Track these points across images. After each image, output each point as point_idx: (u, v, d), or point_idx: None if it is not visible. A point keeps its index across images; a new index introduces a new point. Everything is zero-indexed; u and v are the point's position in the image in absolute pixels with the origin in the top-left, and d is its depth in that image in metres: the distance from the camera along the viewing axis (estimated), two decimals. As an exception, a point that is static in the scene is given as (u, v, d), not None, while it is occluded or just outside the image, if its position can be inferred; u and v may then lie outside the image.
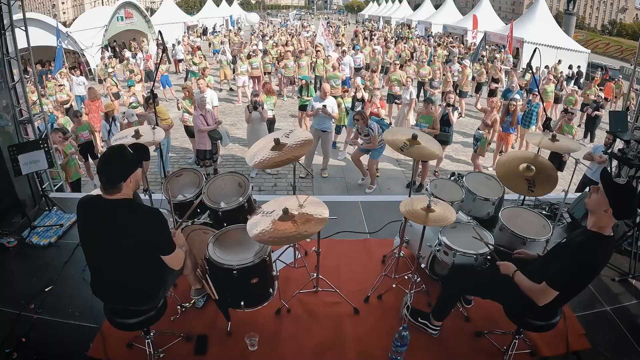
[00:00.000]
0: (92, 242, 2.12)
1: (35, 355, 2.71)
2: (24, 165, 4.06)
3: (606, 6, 58.12)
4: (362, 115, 5.80)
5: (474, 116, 11.06)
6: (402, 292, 3.18)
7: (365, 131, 5.74)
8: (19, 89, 4.70)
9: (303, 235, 2.47)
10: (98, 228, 2.07)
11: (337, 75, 9.69)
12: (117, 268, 2.11)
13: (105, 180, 2.01)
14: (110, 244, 2.05)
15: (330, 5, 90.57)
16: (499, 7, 58.71)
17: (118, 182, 2.01)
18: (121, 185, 2.02)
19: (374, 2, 48.51)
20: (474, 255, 2.86)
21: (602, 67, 18.35)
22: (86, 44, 15.31)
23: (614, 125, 4.44)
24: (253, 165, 2.81)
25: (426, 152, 3.04)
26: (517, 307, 2.41)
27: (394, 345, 2.66)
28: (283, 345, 2.85)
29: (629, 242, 3.85)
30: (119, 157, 2.06)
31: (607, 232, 2.12)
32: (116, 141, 3.36)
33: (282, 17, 44.76)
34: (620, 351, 2.85)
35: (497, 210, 3.44)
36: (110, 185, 2.01)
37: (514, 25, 16.67)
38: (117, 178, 2.01)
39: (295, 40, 18.39)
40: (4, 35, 4.36)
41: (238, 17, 34.01)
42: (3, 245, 3.83)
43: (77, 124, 6.56)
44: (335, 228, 4.12)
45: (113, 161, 2.05)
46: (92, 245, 2.13)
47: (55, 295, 3.26)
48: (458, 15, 27.76)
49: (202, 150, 6.34)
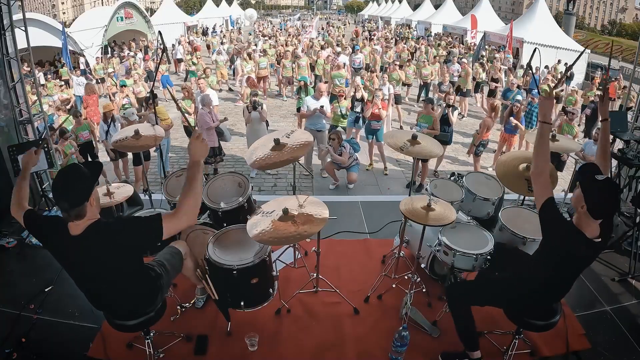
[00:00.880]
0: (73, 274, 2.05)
1: (35, 355, 2.71)
2: (24, 166, 4.05)
3: (606, 6, 58.15)
4: (337, 135, 6.05)
5: (475, 116, 11.05)
6: (402, 292, 3.18)
7: (338, 150, 5.97)
8: (19, 89, 4.70)
9: (303, 235, 2.48)
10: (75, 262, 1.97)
11: (342, 74, 9.62)
12: (108, 288, 2.07)
13: (67, 205, 1.81)
14: (94, 271, 1.96)
15: (330, 6, 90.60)
16: (499, 7, 58.74)
17: (82, 204, 1.82)
18: (85, 208, 1.83)
19: (374, 2, 48.50)
20: (474, 255, 2.86)
21: (602, 67, 18.32)
22: (86, 44, 15.30)
23: (614, 125, 4.44)
24: (252, 165, 2.81)
25: (426, 152, 3.05)
26: (517, 307, 2.41)
27: (394, 345, 2.66)
28: (283, 345, 2.85)
29: (629, 242, 3.85)
30: (76, 176, 1.86)
31: (589, 234, 1.97)
32: (117, 141, 3.37)
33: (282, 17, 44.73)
34: (620, 351, 2.85)
35: (497, 210, 3.44)
36: (74, 210, 1.82)
37: (514, 25, 16.65)
38: (80, 200, 1.82)
39: (296, 40, 18.39)
40: (4, 35, 4.35)
41: (237, 17, 34.02)
42: (3, 245, 3.83)
43: (77, 124, 6.56)
44: (335, 228, 4.12)
45: (71, 182, 1.85)
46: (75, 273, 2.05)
47: (55, 295, 3.25)
48: (458, 15, 27.75)
49: (210, 148, 6.34)
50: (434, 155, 3.26)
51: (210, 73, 10.45)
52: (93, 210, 1.90)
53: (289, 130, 3.06)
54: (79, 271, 2.02)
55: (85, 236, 1.86)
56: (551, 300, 2.33)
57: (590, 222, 1.98)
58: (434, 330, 2.95)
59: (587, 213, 1.96)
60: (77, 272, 2.04)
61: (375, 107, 6.48)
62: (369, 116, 6.62)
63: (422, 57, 14.32)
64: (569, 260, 2.09)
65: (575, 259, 2.08)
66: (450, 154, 8.21)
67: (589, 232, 1.98)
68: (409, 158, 7.17)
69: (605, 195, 1.96)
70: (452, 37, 23.27)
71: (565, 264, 2.11)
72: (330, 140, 6.01)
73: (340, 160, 5.99)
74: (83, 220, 1.86)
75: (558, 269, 2.14)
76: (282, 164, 2.75)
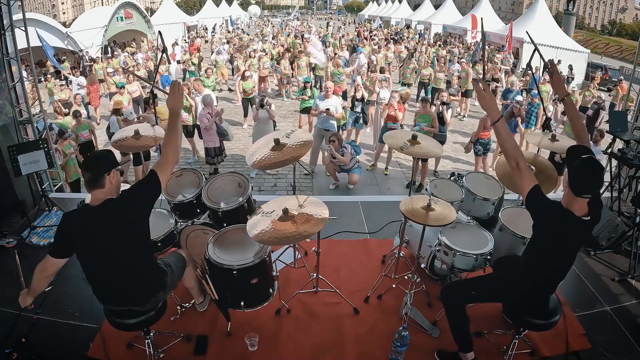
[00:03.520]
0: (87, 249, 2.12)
1: (35, 356, 2.71)
2: (24, 166, 4.06)
3: (606, 6, 58.17)
4: (337, 137, 6.09)
5: (475, 117, 11.04)
6: (402, 292, 3.18)
7: (340, 152, 5.99)
8: (19, 89, 4.70)
9: (303, 235, 2.47)
10: (90, 235, 2.07)
11: (341, 71, 10.05)
12: (116, 269, 2.12)
13: (89, 176, 2.07)
14: (105, 247, 2.07)
15: (330, 6, 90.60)
16: (499, 7, 58.75)
17: (102, 175, 2.05)
18: (104, 180, 2.06)
19: (374, 2, 48.50)
20: (474, 255, 2.86)
21: (602, 67, 18.34)
22: (86, 44, 15.30)
23: (614, 125, 4.45)
24: (253, 166, 2.81)
25: (426, 152, 3.06)
26: (517, 306, 2.41)
27: (394, 346, 2.66)
28: (283, 345, 2.85)
29: (629, 242, 3.85)
30: (103, 155, 2.16)
31: (578, 213, 2.02)
32: (117, 141, 3.37)
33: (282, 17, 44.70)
34: (620, 351, 2.85)
35: (497, 210, 3.44)
36: (94, 180, 2.06)
37: (514, 26, 16.63)
38: (102, 170, 2.07)
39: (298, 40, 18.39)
40: (4, 35, 4.36)
41: (238, 17, 34.00)
42: (3, 245, 3.83)
43: (77, 123, 6.57)
44: (335, 228, 4.12)
45: (96, 158, 2.14)
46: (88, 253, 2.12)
47: (55, 295, 3.24)
48: (458, 15, 27.76)
49: (211, 148, 6.34)
50: (434, 154, 3.27)
51: (211, 73, 10.43)
52: (111, 187, 2.10)
53: (289, 130, 3.06)
54: (92, 245, 2.09)
55: (101, 208, 2.05)
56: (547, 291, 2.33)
57: (577, 201, 2.02)
58: (434, 330, 2.95)
59: (570, 191, 2.01)
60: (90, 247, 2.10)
61: (392, 109, 6.47)
62: (386, 118, 6.62)
63: (422, 57, 14.32)
64: (560, 243, 2.12)
65: (566, 240, 2.11)
66: (450, 153, 8.21)
67: (577, 211, 2.03)
68: (409, 158, 7.19)
69: (586, 173, 2.00)
70: (452, 37, 23.28)
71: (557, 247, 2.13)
72: (330, 142, 6.04)
73: (342, 161, 5.99)
74: (102, 192, 2.07)
75: (550, 256, 2.16)
76: (282, 164, 2.75)
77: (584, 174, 2.00)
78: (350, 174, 6.13)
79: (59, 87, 9.90)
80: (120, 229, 2.08)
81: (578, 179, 2.00)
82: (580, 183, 2.00)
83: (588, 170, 2.01)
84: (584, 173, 2.00)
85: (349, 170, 6.12)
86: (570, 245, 2.17)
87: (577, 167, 2.01)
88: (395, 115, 6.46)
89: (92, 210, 2.07)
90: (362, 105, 7.51)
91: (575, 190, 2.00)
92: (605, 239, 3.93)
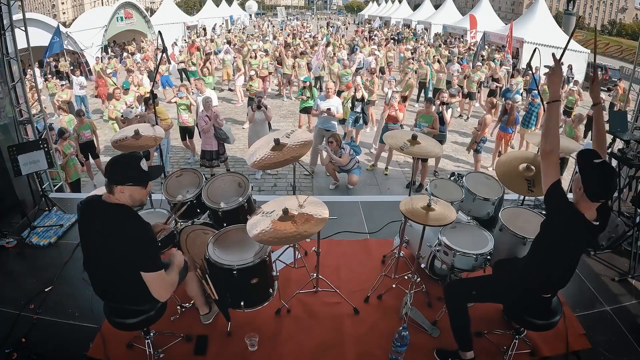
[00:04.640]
0: (89, 241, 2.14)
1: (35, 356, 2.71)
2: (24, 166, 4.06)
3: (606, 6, 58.18)
4: (336, 137, 6.07)
5: (476, 117, 11.03)
6: (402, 292, 3.18)
7: (338, 153, 5.99)
8: (19, 89, 4.70)
9: (303, 235, 2.47)
10: (93, 227, 2.08)
11: (348, 72, 10.40)
12: (109, 270, 2.11)
13: (106, 176, 2.07)
14: (103, 245, 2.06)
15: (330, 6, 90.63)
16: (499, 7, 58.77)
17: (112, 183, 2.03)
18: (113, 189, 2.03)
19: (374, 2, 48.50)
20: (474, 255, 2.86)
21: (602, 67, 18.31)
22: (86, 44, 15.31)
23: (614, 125, 4.45)
24: (252, 166, 2.81)
25: (426, 152, 3.06)
26: (518, 305, 2.41)
27: (394, 346, 2.66)
28: (283, 345, 2.85)
29: (629, 242, 3.85)
30: (128, 162, 2.08)
31: (588, 217, 2.01)
32: (117, 141, 3.37)
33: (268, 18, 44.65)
34: (620, 351, 2.85)
35: (497, 210, 3.44)
36: (106, 183, 2.05)
37: (514, 26, 16.64)
38: (113, 179, 2.03)
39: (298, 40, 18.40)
40: (4, 35, 4.36)
41: (238, 17, 34.01)
42: (3, 245, 3.83)
43: (80, 122, 6.57)
44: (335, 228, 4.12)
45: (121, 162, 2.07)
46: (88, 245, 2.14)
47: (55, 295, 3.26)
48: (458, 15, 27.76)
49: (208, 151, 6.31)
50: (434, 154, 3.26)
51: (208, 73, 10.44)
52: (122, 197, 2.06)
53: (289, 130, 3.06)
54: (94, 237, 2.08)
55: (110, 208, 2.05)
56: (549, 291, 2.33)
57: (589, 205, 2.02)
58: (434, 330, 2.95)
59: (584, 195, 2.00)
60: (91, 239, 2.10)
61: (392, 109, 6.47)
62: (386, 118, 6.62)
63: (422, 57, 14.32)
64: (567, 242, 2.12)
65: (573, 241, 2.12)
66: (450, 153, 8.21)
67: (587, 215, 2.03)
68: (409, 158, 7.19)
69: (601, 177, 2.00)
70: (452, 37, 23.27)
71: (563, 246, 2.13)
72: (328, 143, 6.04)
73: (339, 162, 6.00)
74: (111, 197, 2.06)
75: (554, 253, 2.16)
76: (282, 164, 2.75)
77: (601, 180, 2.00)
78: (349, 175, 6.13)
79: (59, 87, 9.91)
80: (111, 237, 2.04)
81: (594, 184, 1.99)
82: (596, 188, 1.99)
83: (605, 176, 2.01)
84: (600, 179, 2.00)
85: (348, 171, 6.12)
86: (576, 246, 2.17)
87: (594, 172, 2.00)
88: (395, 116, 6.47)
89: (103, 205, 2.06)
90: (362, 105, 7.52)
91: (590, 195, 1.99)
92: (605, 239, 3.93)
